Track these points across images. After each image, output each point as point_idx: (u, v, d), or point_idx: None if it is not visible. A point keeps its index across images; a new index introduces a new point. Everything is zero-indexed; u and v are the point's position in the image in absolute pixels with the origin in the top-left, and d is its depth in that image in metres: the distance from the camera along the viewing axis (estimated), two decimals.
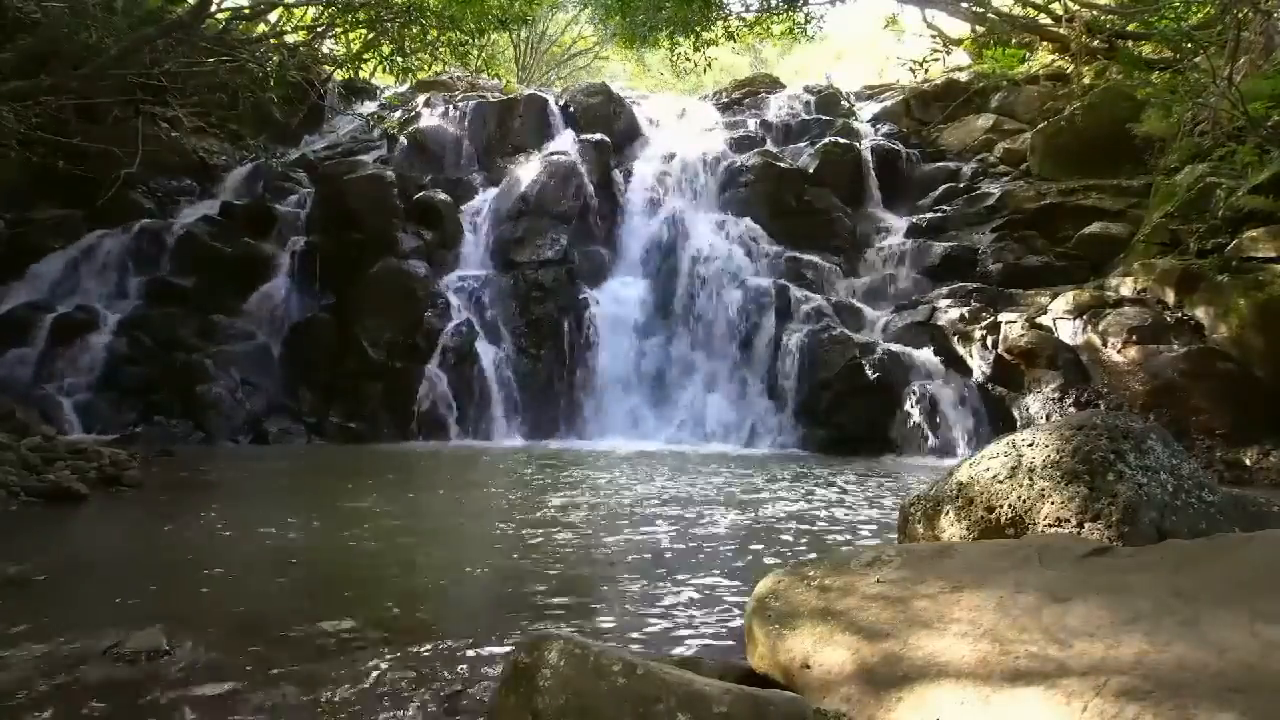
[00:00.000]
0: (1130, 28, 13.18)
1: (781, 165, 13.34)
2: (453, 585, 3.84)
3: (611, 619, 3.28)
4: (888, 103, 16.28)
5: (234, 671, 2.60)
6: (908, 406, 9.58)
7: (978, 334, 9.77)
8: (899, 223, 13.06)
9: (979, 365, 9.65)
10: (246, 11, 12.09)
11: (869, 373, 9.81)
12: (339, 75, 14.89)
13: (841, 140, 13.95)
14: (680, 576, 3.92)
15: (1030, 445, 2.59)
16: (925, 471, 7.82)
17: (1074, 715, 1.46)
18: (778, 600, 2.17)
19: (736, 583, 3.79)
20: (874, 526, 5.20)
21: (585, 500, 6.04)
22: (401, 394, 10.53)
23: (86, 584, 3.74)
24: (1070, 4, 14.12)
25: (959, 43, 15.97)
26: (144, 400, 9.89)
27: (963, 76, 15.65)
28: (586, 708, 1.69)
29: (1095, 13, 13.74)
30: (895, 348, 10.08)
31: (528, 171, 12.95)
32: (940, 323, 10.21)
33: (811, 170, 13.36)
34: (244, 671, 2.60)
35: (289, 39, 12.99)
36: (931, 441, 9.37)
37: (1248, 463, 7.82)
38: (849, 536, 4.95)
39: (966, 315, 10.04)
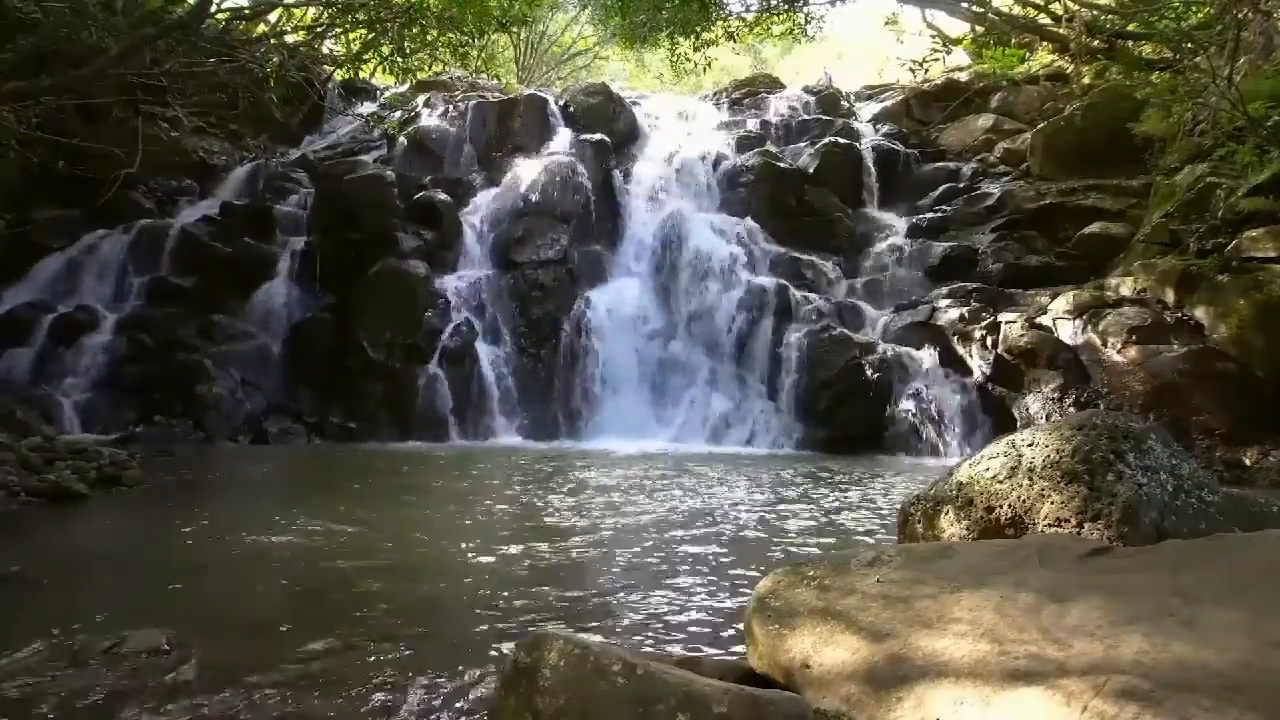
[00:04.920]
0: (1130, 28, 13.18)
1: (781, 165, 13.34)
2: (453, 585, 3.84)
3: (611, 619, 3.28)
4: (888, 103, 16.28)
5: (234, 671, 2.60)
6: (908, 406, 9.57)
7: (978, 334, 9.77)
8: (899, 223, 13.05)
9: (979, 365, 9.65)
10: (246, 12, 12.09)
11: (869, 373, 9.81)
12: (339, 75, 14.89)
13: (841, 140, 13.95)
14: (680, 576, 3.92)
15: (1030, 445, 2.59)
16: (925, 471, 7.81)
17: (1074, 715, 1.46)
18: (778, 600, 2.17)
19: (736, 582, 3.79)
20: (874, 526, 5.20)
21: (585, 500, 6.04)
22: (401, 394, 10.53)
23: (86, 584, 3.74)
24: (1070, 4, 14.12)
25: (959, 43, 15.96)
26: (144, 400, 9.88)
27: (963, 76, 15.65)
28: (586, 708, 1.69)
29: (1095, 13, 13.74)
30: (895, 348, 10.08)
31: (528, 171, 12.94)
32: (940, 323, 10.21)
33: (811, 170, 13.36)
34: (244, 671, 2.60)
35: (289, 39, 13.00)
36: (931, 441, 9.37)
37: (1248, 463, 7.82)
38: (849, 536, 4.95)
39: (966, 315, 10.04)
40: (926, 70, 14.68)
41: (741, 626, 2.37)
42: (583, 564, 4.17)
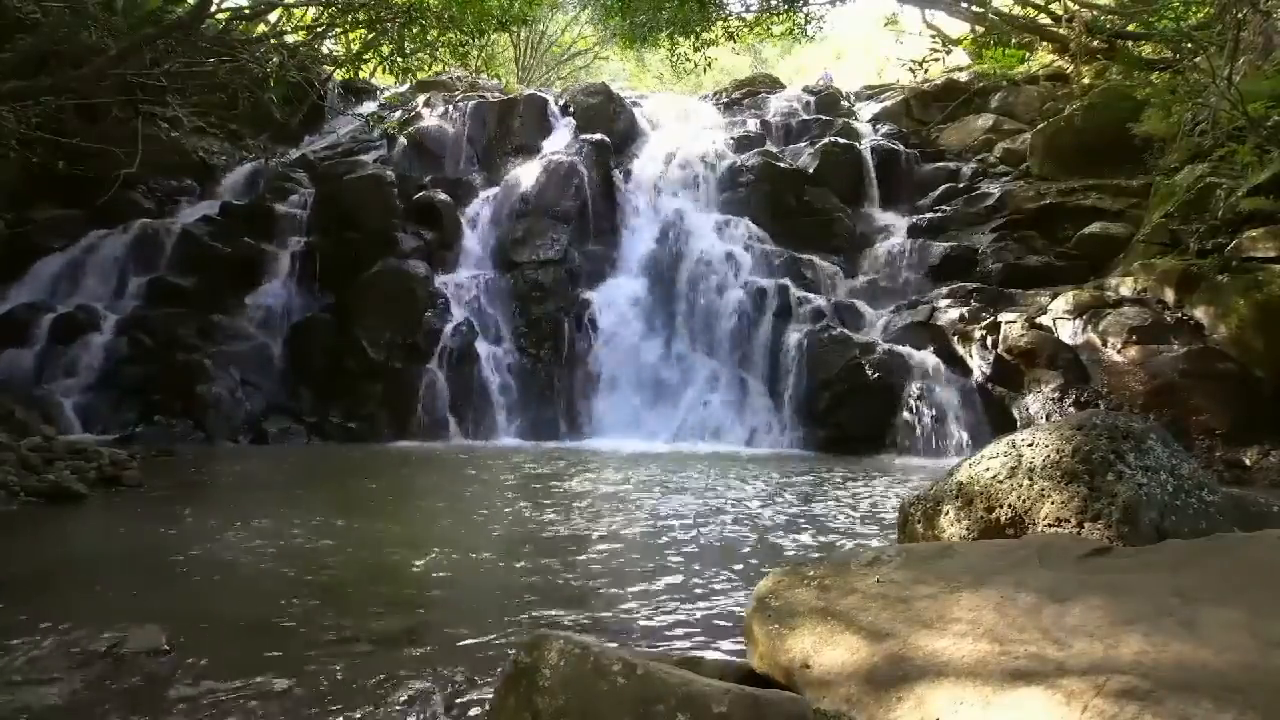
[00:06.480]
0: (1130, 28, 13.18)
1: (781, 165, 13.34)
2: (453, 586, 3.84)
3: (612, 619, 3.28)
4: (888, 103, 16.28)
5: (233, 671, 2.60)
6: (907, 406, 9.57)
7: (978, 334, 9.77)
8: (899, 223, 13.06)
9: (979, 365, 9.65)
10: (246, 12, 12.08)
11: (869, 373, 9.81)
12: (339, 75, 14.89)
13: (841, 140, 13.95)
14: (680, 576, 3.92)
15: (1030, 445, 2.59)
16: (925, 471, 7.81)
17: (1074, 715, 1.46)
18: (778, 600, 2.17)
19: (736, 582, 3.79)
20: (874, 526, 5.20)
21: (584, 501, 6.04)
22: (401, 394, 10.52)
23: (86, 584, 3.74)
24: (1070, 4, 14.12)
25: (959, 43, 15.97)
26: (144, 400, 9.88)
27: (963, 76, 15.66)
28: (586, 708, 1.69)
29: (1095, 13, 13.74)
30: (895, 348, 10.08)
31: (528, 171, 12.95)
32: (940, 323, 10.21)
33: (811, 170, 13.36)
34: (243, 671, 2.60)
35: (289, 39, 12.98)
36: (931, 441, 9.37)
37: (1248, 463, 7.82)
38: (849, 536, 4.95)
39: (966, 315, 10.04)
40: (926, 70, 14.70)
41: (741, 626, 2.37)
42: (583, 564, 4.16)
